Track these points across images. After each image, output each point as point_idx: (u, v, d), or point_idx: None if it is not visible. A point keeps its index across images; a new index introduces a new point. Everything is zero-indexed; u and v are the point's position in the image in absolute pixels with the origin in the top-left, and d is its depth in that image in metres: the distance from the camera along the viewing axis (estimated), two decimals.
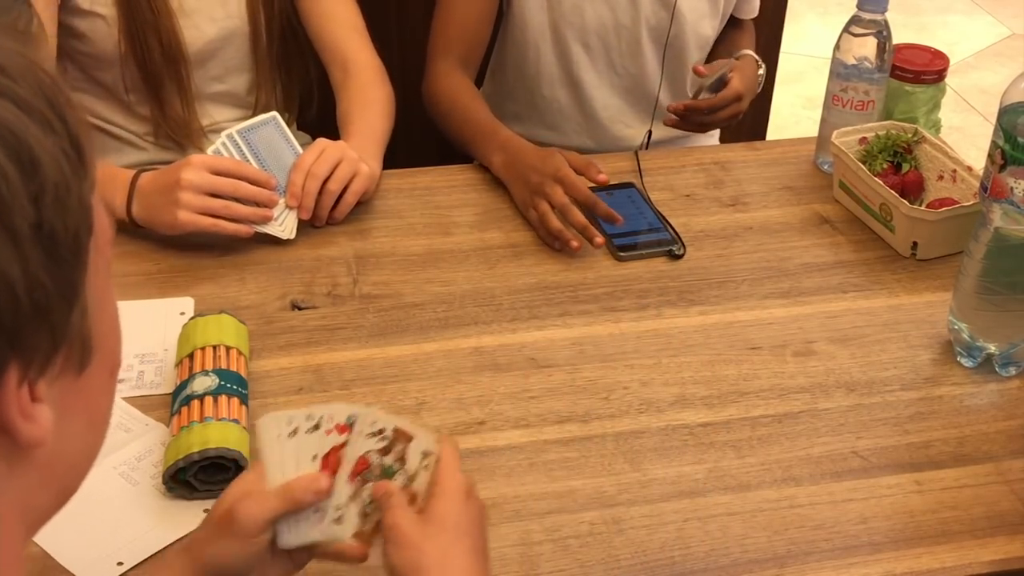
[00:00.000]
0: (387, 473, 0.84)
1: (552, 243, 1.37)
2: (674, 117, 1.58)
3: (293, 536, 0.83)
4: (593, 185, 1.37)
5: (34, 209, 0.46)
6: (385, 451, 0.84)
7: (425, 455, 0.83)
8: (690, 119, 1.59)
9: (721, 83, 1.58)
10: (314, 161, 1.34)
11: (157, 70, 1.47)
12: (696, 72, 1.58)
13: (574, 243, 1.34)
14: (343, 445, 0.84)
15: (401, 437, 0.84)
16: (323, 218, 1.36)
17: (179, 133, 1.53)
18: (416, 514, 0.81)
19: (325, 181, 1.34)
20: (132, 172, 1.32)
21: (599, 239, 1.34)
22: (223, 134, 1.34)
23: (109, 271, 0.53)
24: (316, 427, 0.84)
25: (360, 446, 0.84)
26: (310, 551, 0.85)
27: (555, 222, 1.35)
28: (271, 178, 1.32)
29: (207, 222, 1.27)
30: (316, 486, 0.82)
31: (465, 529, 0.80)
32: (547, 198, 1.37)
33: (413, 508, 0.82)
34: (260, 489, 0.82)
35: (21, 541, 0.53)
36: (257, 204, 1.31)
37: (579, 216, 1.35)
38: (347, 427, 0.84)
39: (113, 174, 1.32)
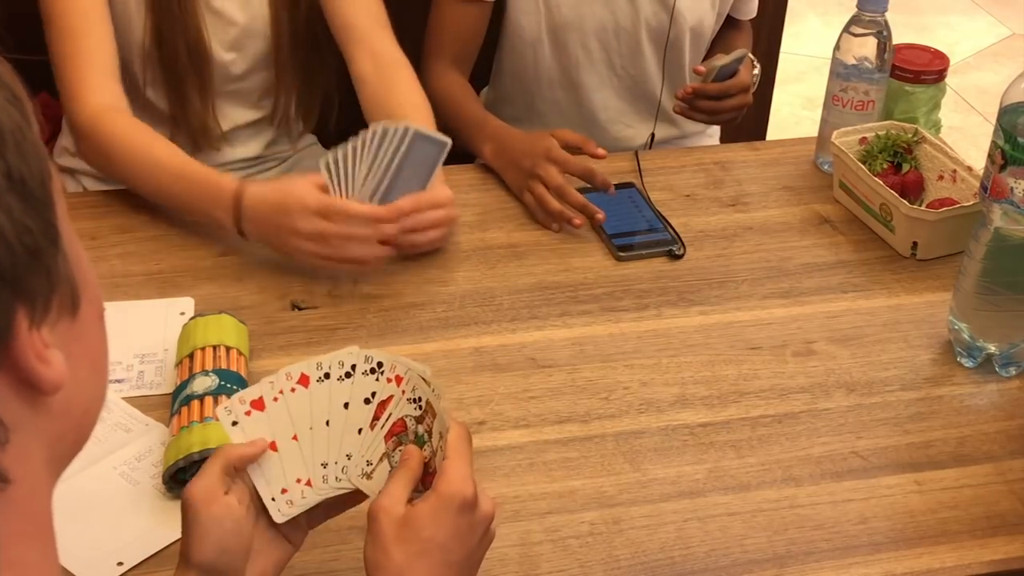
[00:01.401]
0: (419, 441, 0.84)
1: (551, 224, 1.37)
2: (683, 104, 1.56)
3: (300, 501, 0.83)
4: (587, 187, 1.38)
5: (0, 160, 0.47)
6: (419, 419, 0.84)
7: (441, 435, 0.83)
8: (698, 105, 1.57)
9: (731, 73, 1.57)
10: (431, 206, 1.27)
11: (181, 67, 1.45)
12: (696, 72, 1.58)
13: (576, 220, 1.35)
14: (390, 399, 0.84)
15: (430, 411, 0.84)
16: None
17: (197, 133, 1.50)
18: (403, 509, 0.79)
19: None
20: (234, 185, 1.26)
21: (600, 215, 1.34)
22: (394, 127, 1.24)
23: (68, 219, 0.55)
24: (372, 371, 0.84)
25: (401, 408, 0.84)
26: (310, 521, 0.85)
27: (553, 203, 1.36)
28: (380, 212, 1.23)
29: (322, 264, 1.24)
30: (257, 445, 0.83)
31: (440, 543, 0.78)
32: (542, 180, 1.37)
33: (429, 481, 0.81)
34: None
35: (51, 489, 0.55)
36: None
37: (576, 195, 1.35)
38: (401, 378, 0.84)
39: (215, 184, 1.27)
